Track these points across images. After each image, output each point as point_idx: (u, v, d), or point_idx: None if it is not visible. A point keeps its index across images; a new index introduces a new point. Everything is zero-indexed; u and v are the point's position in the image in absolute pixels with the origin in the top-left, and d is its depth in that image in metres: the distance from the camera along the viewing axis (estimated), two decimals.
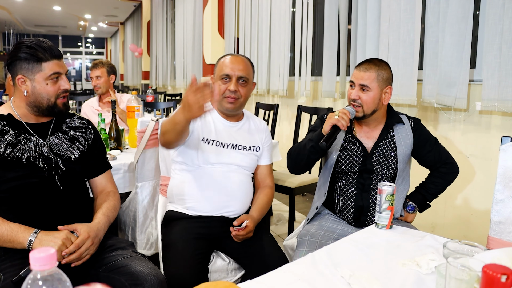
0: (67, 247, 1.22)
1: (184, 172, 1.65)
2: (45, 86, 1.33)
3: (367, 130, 1.64)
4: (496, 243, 1.31)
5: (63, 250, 1.22)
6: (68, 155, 1.41)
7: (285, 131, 4.09)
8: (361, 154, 1.59)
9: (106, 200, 1.48)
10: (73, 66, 18.60)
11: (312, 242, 1.49)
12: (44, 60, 1.32)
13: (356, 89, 1.56)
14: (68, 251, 1.24)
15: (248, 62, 1.70)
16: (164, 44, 8.04)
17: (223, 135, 1.67)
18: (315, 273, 1.00)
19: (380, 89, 1.56)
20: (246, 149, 1.69)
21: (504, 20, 1.96)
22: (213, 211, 1.60)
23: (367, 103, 1.55)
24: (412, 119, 1.66)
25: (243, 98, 1.66)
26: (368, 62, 1.57)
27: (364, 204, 1.58)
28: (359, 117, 1.57)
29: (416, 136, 1.63)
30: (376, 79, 1.54)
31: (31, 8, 11.23)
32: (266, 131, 1.80)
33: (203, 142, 1.63)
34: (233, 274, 1.58)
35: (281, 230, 3.03)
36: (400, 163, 1.60)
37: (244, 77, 1.64)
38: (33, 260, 0.58)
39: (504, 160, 1.33)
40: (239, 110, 1.70)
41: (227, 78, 1.63)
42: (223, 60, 1.68)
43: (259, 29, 4.33)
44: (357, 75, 1.57)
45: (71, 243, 1.24)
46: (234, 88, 1.62)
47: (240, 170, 1.66)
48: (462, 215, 2.32)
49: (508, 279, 0.64)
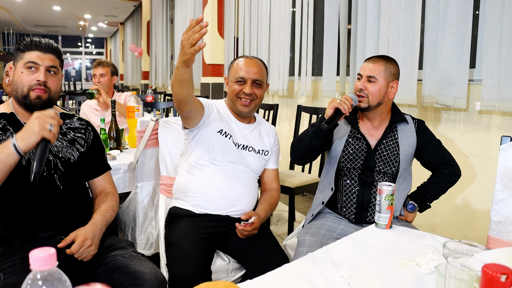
0: (46, 121, 1.18)
1: (193, 169, 1.65)
2: (20, 74, 1.33)
3: (371, 127, 1.64)
4: (496, 243, 1.31)
5: (45, 126, 1.17)
6: (67, 156, 1.41)
7: (285, 131, 4.09)
8: (365, 150, 1.60)
9: (104, 201, 1.48)
10: (73, 66, 18.60)
11: (312, 241, 1.49)
12: (26, 49, 1.33)
13: (363, 80, 1.58)
14: (69, 252, 1.24)
15: (262, 64, 1.72)
16: (164, 44, 8.03)
17: (236, 135, 1.68)
18: (315, 273, 1.00)
19: (387, 82, 1.58)
20: (255, 152, 1.70)
21: (504, 20, 1.96)
22: (219, 209, 1.60)
23: (373, 94, 1.56)
24: (416, 120, 1.67)
25: (258, 99, 1.69)
26: (377, 57, 1.61)
27: (365, 200, 1.58)
28: (364, 107, 1.58)
29: (419, 137, 1.63)
30: (384, 71, 1.57)
31: (31, 8, 11.22)
32: (275, 136, 1.82)
33: (219, 135, 1.63)
34: (233, 274, 1.58)
35: (281, 230, 3.03)
36: (402, 162, 1.60)
37: (259, 80, 1.67)
38: (33, 260, 0.58)
39: (503, 159, 1.33)
40: (253, 112, 1.72)
41: (241, 81, 1.65)
42: (237, 62, 1.69)
43: (259, 29, 4.33)
44: (365, 67, 1.59)
45: (50, 117, 1.19)
46: (249, 91, 1.64)
47: (248, 171, 1.67)
48: (462, 215, 2.32)
49: (508, 279, 0.64)
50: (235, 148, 1.65)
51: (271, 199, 1.72)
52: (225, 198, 1.60)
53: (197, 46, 1.25)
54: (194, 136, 1.65)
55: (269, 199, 1.72)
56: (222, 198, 1.60)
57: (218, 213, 1.60)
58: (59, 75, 1.39)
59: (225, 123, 1.66)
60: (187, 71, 1.36)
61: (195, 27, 1.23)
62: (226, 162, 1.62)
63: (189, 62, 1.31)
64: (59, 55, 1.40)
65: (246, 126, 1.73)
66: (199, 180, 1.62)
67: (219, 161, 1.62)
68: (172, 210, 1.67)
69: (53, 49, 1.37)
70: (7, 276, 1.15)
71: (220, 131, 1.63)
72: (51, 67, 1.35)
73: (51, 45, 1.37)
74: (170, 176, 1.89)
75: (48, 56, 1.35)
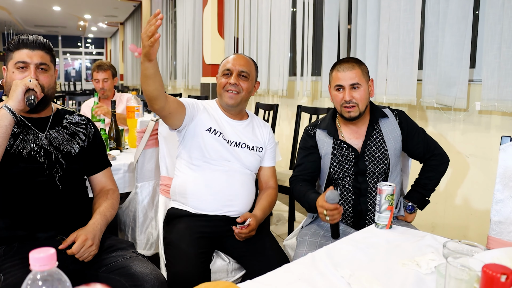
0: (25, 78, 1.28)
1: (188, 170, 1.65)
2: (12, 74, 1.34)
3: (354, 130, 1.62)
4: (496, 243, 1.31)
5: (24, 80, 1.27)
6: (68, 149, 1.41)
7: (285, 131, 4.09)
8: (353, 156, 1.58)
9: (105, 199, 1.48)
10: (73, 66, 18.60)
11: (312, 242, 1.49)
12: (15, 49, 1.34)
13: (347, 91, 1.53)
14: (70, 253, 1.24)
15: (251, 60, 1.73)
16: (164, 44, 8.03)
17: (228, 132, 1.67)
18: (315, 273, 1.00)
19: (367, 83, 1.57)
20: (249, 148, 1.69)
21: (504, 20, 1.96)
22: (216, 210, 1.60)
23: (361, 100, 1.54)
24: (396, 112, 1.65)
25: (245, 92, 1.67)
26: (346, 62, 1.55)
27: (363, 208, 1.57)
28: (355, 116, 1.55)
29: (403, 129, 1.62)
30: (362, 74, 1.55)
31: (31, 9, 11.23)
32: (269, 133, 1.81)
33: (208, 133, 1.62)
34: (233, 275, 1.58)
35: (281, 230, 3.03)
36: (391, 157, 1.59)
37: (245, 72, 1.67)
38: (33, 260, 0.58)
39: (503, 159, 1.33)
40: (240, 105, 1.70)
41: (228, 73, 1.66)
42: (226, 58, 1.72)
43: (259, 29, 4.33)
44: (344, 77, 1.53)
45: (34, 83, 1.27)
46: (234, 81, 1.64)
47: (244, 169, 1.66)
48: (462, 215, 2.32)
49: (508, 279, 0.64)
50: (227, 145, 1.64)
51: (268, 197, 1.71)
52: (220, 198, 1.60)
53: (153, 38, 1.27)
54: (184, 136, 1.65)
55: (266, 198, 1.71)
56: (217, 198, 1.60)
57: (215, 214, 1.60)
58: (51, 71, 1.39)
59: (214, 121, 1.66)
60: (150, 65, 1.36)
61: (152, 21, 1.26)
62: (220, 161, 1.62)
63: (150, 55, 1.32)
64: (49, 50, 1.39)
65: (239, 122, 1.72)
66: (194, 181, 1.62)
67: (213, 160, 1.61)
68: (170, 211, 1.67)
69: (42, 45, 1.36)
70: (7, 276, 1.15)
71: (209, 129, 1.63)
72: (41, 64, 1.35)
73: (39, 41, 1.36)
74: (170, 176, 1.89)
75: (37, 53, 1.34)
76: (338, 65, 1.56)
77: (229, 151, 1.64)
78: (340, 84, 1.54)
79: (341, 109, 1.56)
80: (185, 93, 6.86)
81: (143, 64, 1.36)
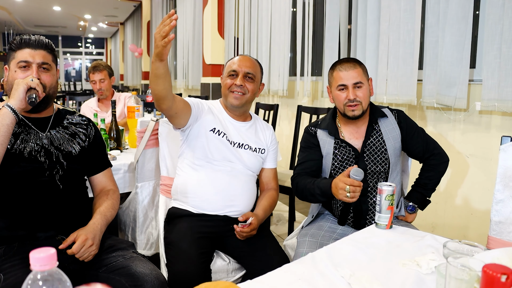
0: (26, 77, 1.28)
1: (190, 170, 1.65)
2: (14, 74, 1.34)
3: (355, 130, 1.62)
4: (496, 243, 1.31)
5: (26, 79, 1.28)
6: (68, 149, 1.42)
7: (285, 131, 4.09)
8: (353, 155, 1.58)
9: (105, 199, 1.48)
10: (73, 67, 18.60)
11: (312, 242, 1.49)
12: (18, 48, 1.34)
13: (350, 89, 1.54)
14: (70, 253, 1.24)
15: (256, 62, 1.74)
16: None
17: (231, 133, 1.68)
18: (315, 273, 1.00)
19: (367, 82, 1.59)
20: (252, 150, 1.70)
21: (504, 20, 1.96)
22: (217, 210, 1.60)
23: (364, 99, 1.55)
24: (395, 111, 1.65)
25: (250, 94, 1.68)
26: (347, 62, 1.57)
27: (363, 208, 1.57)
28: (359, 115, 1.56)
29: (402, 128, 1.63)
30: (363, 73, 1.57)
31: (31, 9, 11.23)
32: (272, 134, 1.81)
33: (212, 133, 1.63)
34: (233, 275, 1.58)
35: (281, 230, 3.03)
36: (391, 157, 1.59)
37: (251, 73, 1.67)
38: (33, 260, 0.58)
39: (504, 160, 1.33)
40: (244, 106, 1.70)
41: (234, 75, 1.67)
42: (231, 60, 1.72)
43: (259, 29, 4.33)
44: (346, 76, 1.54)
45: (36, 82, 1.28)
46: (240, 83, 1.65)
47: (246, 170, 1.67)
48: (462, 215, 2.32)
49: (508, 279, 0.64)
50: (230, 146, 1.65)
51: (269, 198, 1.72)
52: (222, 198, 1.60)
53: (167, 38, 1.27)
54: (187, 136, 1.65)
55: (267, 198, 1.71)
56: (219, 198, 1.60)
57: (216, 213, 1.60)
58: (52, 70, 1.39)
59: (218, 122, 1.66)
60: (161, 65, 1.36)
61: (166, 21, 1.26)
62: (223, 161, 1.62)
63: (162, 55, 1.32)
64: (51, 50, 1.40)
65: (242, 124, 1.73)
66: (196, 180, 1.62)
67: (215, 160, 1.62)
68: (171, 211, 1.67)
69: (44, 45, 1.37)
70: (7, 276, 1.15)
71: (213, 130, 1.63)
72: (43, 64, 1.35)
73: (41, 41, 1.37)
74: (170, 176, 1.89)
75: (39, 52, 1.35)
76: (339, 65, 1.57)
77: (232, 152, 1.64)
78: (343, 84, 1.55)
79: (344, 108, 1.57)
80: (185, 93, 6.86)
81: (154, 64, 1.36)
